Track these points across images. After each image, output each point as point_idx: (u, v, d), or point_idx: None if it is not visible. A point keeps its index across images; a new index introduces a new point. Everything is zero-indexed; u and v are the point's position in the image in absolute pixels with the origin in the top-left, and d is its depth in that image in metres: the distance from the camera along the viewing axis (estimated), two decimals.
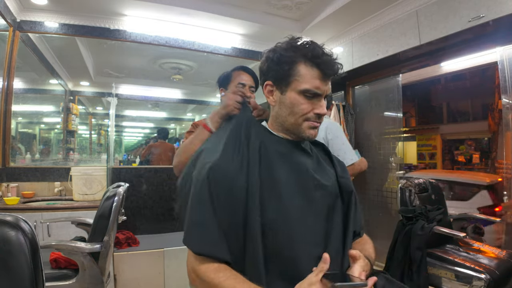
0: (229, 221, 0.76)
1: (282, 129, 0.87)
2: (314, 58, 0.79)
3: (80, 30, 2.80)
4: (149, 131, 5.80)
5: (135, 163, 3.95)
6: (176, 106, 5.37)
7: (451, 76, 4.65)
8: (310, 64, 0.80)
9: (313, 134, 0.84)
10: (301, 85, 0.80)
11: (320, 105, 0.82)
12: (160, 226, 3.02)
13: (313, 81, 0.79)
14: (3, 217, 0.73)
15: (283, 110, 0.84)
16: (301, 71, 0.80)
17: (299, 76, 0.80)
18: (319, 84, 0.80)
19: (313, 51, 0.80)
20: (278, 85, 0.84)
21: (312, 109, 0.81)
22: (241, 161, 0.81)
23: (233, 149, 0.83)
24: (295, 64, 0.81)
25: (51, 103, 3.81)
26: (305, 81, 0.80)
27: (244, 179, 0.78)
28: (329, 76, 0.81)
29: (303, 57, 0.80)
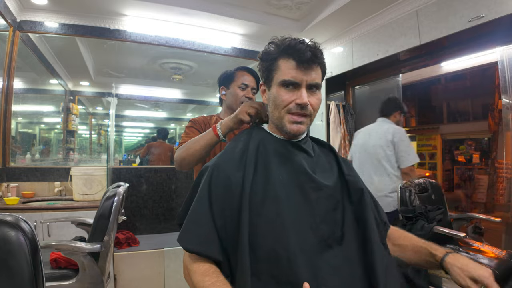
0: (225, 221, 0.76)
1: (275, 127, 0.89)
2: (288, 49, 0.81)
3: (80, 30, 2.80)
4: (149, 131, 5.80)
5: (135, 163, 3.95)
6: (176, 106, 5.37)
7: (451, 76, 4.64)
8: (287, 56, 0.82)
9: (295, 129, 0.82)
10: (280, 77, 0.82)
11: (300, 95, 0.81)
12: (160, 226, 3.02)
13: (289, 71, 0.81)
14: (3, 217, 0.73)
15: (270, 106, 0.87)
16: (280, 65, 0.83)
17: (278, 69, 0.83)
18: (296, 74, 0.81)
19: (289, 43, 0.82)
20: (266, 83, 0.88)
21: (293, 100, 0.81)
22: (239, 161, 0.82)
23: (232, 150, 0.87)
24: (275, 59, 0.84)
25: (51, 103, 3.81)
26: (283, 73, 0.82)
27: (240, 179, 0.79)
28: (305, 64, 0.80)
29: (281, 51, 0.83)
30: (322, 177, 0.84)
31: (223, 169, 0.81)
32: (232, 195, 0.77)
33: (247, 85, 1.42)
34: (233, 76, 1.45)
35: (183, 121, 5.93)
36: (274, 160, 0.83)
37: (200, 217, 0.78)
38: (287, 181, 0.80)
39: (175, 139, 5.58)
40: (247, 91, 1.41)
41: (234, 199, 0.77)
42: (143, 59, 3.77)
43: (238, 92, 1.42)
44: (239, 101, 1.41)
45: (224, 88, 1.48)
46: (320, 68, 0.84)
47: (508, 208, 2.44)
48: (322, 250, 0.76)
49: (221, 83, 1.50)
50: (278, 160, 0.83)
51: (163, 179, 3.09)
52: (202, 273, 0.75)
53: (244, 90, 1.42)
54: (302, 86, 0.81)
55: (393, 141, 2.24)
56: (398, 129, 2.31)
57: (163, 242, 2.64)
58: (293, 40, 0.82)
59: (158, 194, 3.06)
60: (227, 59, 3.49)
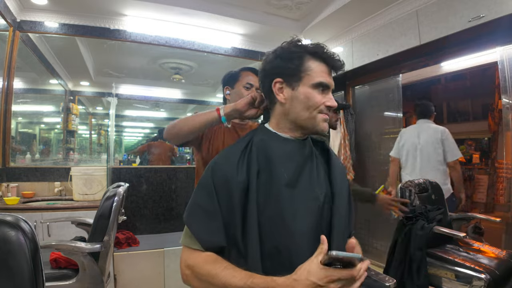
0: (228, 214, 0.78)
1: (291, 126, 0.88)
2: (321, 53, 0.84)
3: (80, 30, 2.80)
4: (149, 131, 5.80)
5: (135, 163, 3.95)
6: (176, 106, 5.36)
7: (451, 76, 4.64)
8: (319, 60, 0.84)
9: (326, 127, 0.87)
10: (314, 79, 0.83)
11: (330, 98, 0.86)
12: (160, 226, 3.02)
13: (324, 74, 0.84)
14: (3, 217, 0.73)
15: (296, 106, 0.85)
16: (312, 66, 0.84)
17: (310, 70, 0.83)
18: (328, 78, 0.85)
19: (319, 48, 0.85)
20: (288, 81, 0.85)
21: (323, 102, 0.84)
22: (243, 158, 0.83)
23: (237, 147, 0.87)
24: (304, 59, 0.84)
25: (51, 103, 3.81)
26: (317, 75, 0.83)
27: (244, 176, 0.80)
28: (335, 70, 0.87)
29: (311, 53, 0.84)
30: (320, 177, 0.87)
31: (226, 165, 0.82)
32: (233, 191, 0.79)
33: (252, 85, 1.42)
34: (238, 76, 1.46)
35: None
36: (278, 158, 0.84)
37: (207, 204, 0.80)
38: (293, 180, 0.82)
39: None
40: (252, 90, 1.41)
41: (235, 194, 0.78)
42: (143, 59, 3.77)
43: (243, 91, 1.42)
44: None
45: (228, 87, 1.48)
46: None
47: (508, 208, 2.44)
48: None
49: (225, 83, 1.50)
50: (284, 159, 0.84)
51: (163, 179, 3.09)
52: (211, 261, 0.76)
53: (249, 89, 1.42)
54: (330, 89, 0.87)
55: (442, 139, 2.58)
56: (444, 129, 2.65)
57: (163, 242, 2.64)
58: (321, 45, 0.86)
59: (158, 194, 3.06)
60: (227, 59, 3.50)
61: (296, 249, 0.77)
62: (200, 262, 0.78)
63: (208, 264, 0.76)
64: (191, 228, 0.81)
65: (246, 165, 0.82)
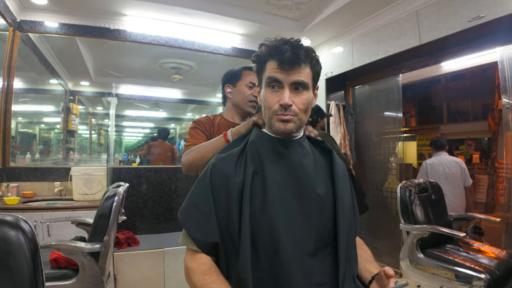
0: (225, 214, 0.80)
1: (268, 127, 0.90)
2: (272, 50, 0.83)
3: (80, 30, 2.80)
4: (149, 131, 5.80)
5: (135, 163, 3.95)
6: (176, 106, 5.36)
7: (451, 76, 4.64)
8: (271, 58, 0.84)
9: (282, 128, 0.82)
10: (265, 77, 0.85)
11: (282, 95, 0.81)
12: (160, 226, 3.02)
13: (273, 70, 0.82)
14: (3, 217, 0.73)
15: (263, 107, 0.89)
16: (266, 66, 0.85)
17: (265, 70, 0.85)
18: (278, 73, 0.81)
19: (273, 45, 0.84)
20: (259, 84, 0.91)
21: (278, 101, 0.82)
22: (237, 159, 0.86)
23: (235, 148, 0.90)
24: (264, 61, 0.85)
25: (51, 103, 3.81)
26: (267, 73, 0.84)
27: (241, 177, 0.82)
28: (287, 64, 0.80)
29: (267, 53, 0.85)
30: (315, 177, 0.86)
31: (222, 166, 0.84)
32: (231, 191, 0.80)
33: (254, 84, 1.42)
34: (240, 75, 1.46)
35: (183, 121, 5.93)
36: (269, 158, 0.85)
37: (202, 201, 0.82)
38: (283, 180, 0.82)
39: (176, 139, 5.58)
40: (254, 89, 1.42)
41: (233, 194, 0.80)
42: (143, 59, 3.77)
43: (245, 90, 1.43)
44: (247, 100, 1.43)
45: (229, 86, 1.48)
46: (309, 67, 0.83)
47: (508, 208, 2.44)
48: (315, 252, 0.80)
49: (226, 81, 1.50)
50: (274, 158, 0.85)
51: (163, 179, 3.09)
52: (202, 271, 0.78)
53: (252, 89, 1.43)
54: (285, 86, 0.81)
55: (463, 168, 3.13)
56: (461, 160, 3.23)
57: (163, 242, 2.64)
58: (280, 41, 0.83)
59: (158, 194, 3.06)
60: (227, 59, 3.50)
61: (289, 250, 0.76)
62: (194, 267, 0.81)
63: (199, 274, 0.78)
64: (185, 227, 0.83)
65: (244, 165, 0.84)
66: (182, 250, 0.85)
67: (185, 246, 0.86)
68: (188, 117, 5.81)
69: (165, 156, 4.15)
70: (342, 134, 3.27)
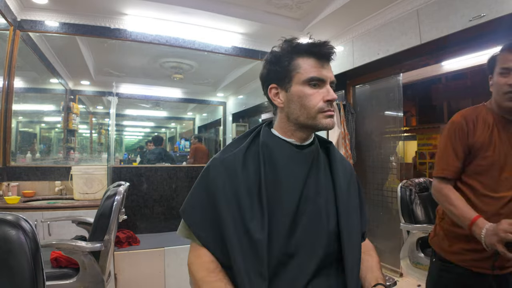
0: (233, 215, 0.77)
1: (295, 128, 0.86)
2: (308, 47, 0.82)
3: (81, 29, 2.80)
4: (150, 130, 5.81)
5: (136, 162, 3.96)
6: (176, 105, 5.37)
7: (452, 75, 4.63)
8: (306, 55, 0.82)
9: (330, 123, 0.83)
10: (303, 76, 0.81)
11: (327, 91, 0.82)
12: (160, 225, 3.03)
13: (313, 69, 0.81)
14: (3, 216, 0.73)
15: (293, 107, 0.84)
16: (300, 63, 0.82)
17: (299, 68, 0.82)
18: (320, 71, 0.81)
19: (303, 43, 0.83)
20: (281, 84, 0.85)
21: (322, 98, 0.81)
22: (248, 158, 0.83)
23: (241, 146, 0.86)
24: (292, 59, 0.82)
25: (52, 102, 3.82)
26: (306, 71, 0.81)
27: (252, 176, 0.80)
28: (325, 61, 0.83)
29: (298, 50, 0.82)
30: (320, 183, 0.85)
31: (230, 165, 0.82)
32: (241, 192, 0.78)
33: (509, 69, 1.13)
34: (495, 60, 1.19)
35: (183, 120, 5.94)
36: (283, 166, 0.82)
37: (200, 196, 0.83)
38: (293, 184, 0.81)
39: (176, 138, 5.59)
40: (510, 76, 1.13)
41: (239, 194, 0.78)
42: (144, 58, 3.77)
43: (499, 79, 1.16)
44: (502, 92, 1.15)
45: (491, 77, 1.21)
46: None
47: None
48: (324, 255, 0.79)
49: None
50: (288, 166, 0.82)
51: (163, 178, 3.09)
52: (207, 269, 0.77)
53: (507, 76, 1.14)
54: (327, 82, 0.82)
55: None
56: None
57: (164, 241, 2.64)
58: (307, 40, 0.84)
59: (159, 193, 3.06)
60: (228, 58, 3.49)
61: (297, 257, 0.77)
62: (197, 264, 0.79)
63: (204, 271, 0.77)
64: (187, 222, 0.83)
65: (254, 165, 0.82)
66: (183, 249, 0.86)
67: (184, 237, 0.85)
68: (188, 116, 5.82)
69: (206, 157, 4.56)
70: (342, 133, 3.27)
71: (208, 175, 0.82)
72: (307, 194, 0.81)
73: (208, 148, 5.32)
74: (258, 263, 0.72)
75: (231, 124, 4.91)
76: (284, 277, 0.75)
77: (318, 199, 0.82)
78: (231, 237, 0.74)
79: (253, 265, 0.72)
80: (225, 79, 4.56)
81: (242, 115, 5.02)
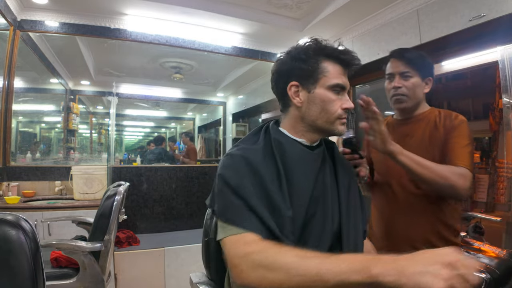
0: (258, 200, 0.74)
1: (308, 129, 0.85)
2: (338, 54, 0.83)
3: (81, 29, 2.80)
4: (150, 130, 5.81)
5: (136, 162, 3.96)
6: (176, 105, 5.37)
7: (452, 75, 4.63)
8: (334, 60, 0.83)
9: (343, 130, 0.86)
10: (331, 81, 0.82)
11: (347, 99, 0.85)
12: (160, 225, 3.03)
13: (340, 76, 0.83)
14: (3, 216, 0.73)
15: (313, 109, 0.83)
16: (328, 67, 0.82)
17: (327, 72, 0.82)
18: (344, 78, 0.84)
19: (335, 48, 0.84)
20: (304, 84, 0.83)
21: (340, 105, 0.83)
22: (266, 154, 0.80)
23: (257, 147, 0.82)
24: (321, 61, 0.82)
25: (52, 102, 3.81)
26: (333, 76, 0.82)
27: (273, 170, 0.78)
28: (348, 70, 0.85)
29: (327, 54, 0.83)
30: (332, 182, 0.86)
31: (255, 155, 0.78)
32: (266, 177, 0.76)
33: None
34: None
35: (183, 120, 5.94)
36: (296, 165, 0.81)
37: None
38: (306, 184, 0.81)
39: (176, 138, 5.58)
40: None
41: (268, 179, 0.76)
42: (144, 58, 3.77)
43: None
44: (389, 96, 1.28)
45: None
46: None
47: (508, 208, 2.44)
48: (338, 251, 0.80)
49: None
50: (300, 166, 0.82)
51: (163, 178, 3.09)
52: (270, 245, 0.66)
53: None
54: (346, 90, 0.85)
55: None
56: None
57: (164, 241, 2.64)
58: (336, 46, 0.85)
59: (159, 193, 3.06)
60: (228, 58, 3.49)
61: None
62: (259, 248, 0.65)
63: (271, 248, 0.64)
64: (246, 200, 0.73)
65: (271, 160, 0.80)
66: (183, 249, 0.85)
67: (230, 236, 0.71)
68: (188, 116, 5.81)
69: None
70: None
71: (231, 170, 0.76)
72: (316, 195, 0.81)
73: (208, 148, 5.32)
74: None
75: (231, 124, 4.91)
76: None
77: (326, 200, 0.82)
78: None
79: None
80: (225, 79, 4.56)
81: (242, 115, 5.02)
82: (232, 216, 0.71)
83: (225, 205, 0.74)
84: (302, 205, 0.78)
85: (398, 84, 1.19)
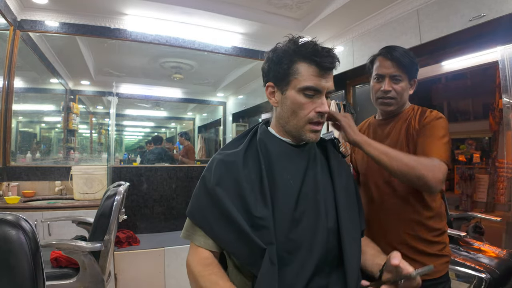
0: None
1: (285, 131, 0.86)
2: (311, 55, 0.78)
3: (81, 29, 2.80)
4: (150, 130, 5.81)
5: (136, 162, 3.96)
6: (176, 105, 5.37)
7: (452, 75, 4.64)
8: (308, 62, 0.79)
9: (314, 138, 0.83)
10: (301, 83, 0.79)
11: (321, 103, 0.80)
12: (160, 225, 3.03)
13: (312, 77, 0.79)
14: (3, 216, 0.73)
15: (285, 111, 0.83)
16: (300, 69, 0.79)
17: (298, 74, 0.79)
18: (318, 81, 0.79)
19: (311, 49, 0.79)
20: (278, 85, 0.84)
21: (314, 108, 0.80)
22: (244, 155, 0.82)
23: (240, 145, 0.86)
24: (294, 62, 0.80)
25: (52, 102, 3.81)
26: (304, 78, 0.79)
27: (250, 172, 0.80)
28: (327, 71, 0.80)
29: (301, 55, 0.79)
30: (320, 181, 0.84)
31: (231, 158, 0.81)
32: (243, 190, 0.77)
33: None
34: None
35: (183, 120, 5.94)
36: (276, 161, 0.81)
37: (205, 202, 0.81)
38: (288, 183, 0.80)
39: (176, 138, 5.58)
40: None
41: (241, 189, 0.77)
42: (144, 58, 3.77)
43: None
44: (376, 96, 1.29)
45: None
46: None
47: (508, 208, 2.44)
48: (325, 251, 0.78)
49: None
50: (280, 162, 0.82)
51: (163, 178, 3.09)
52: (203, 264, 0.79)
53: None
54: (323, 93, 0.81)
55: None
56: None
57: (164, 241, 2.64)
58: (314, 45, 0.80)
59: (159, 193, 3.06)
60: (228, 58, 3.49)
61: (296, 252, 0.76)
62: (195, 260, 0.80)
63: (200, 266, 0.78)
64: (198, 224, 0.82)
65: (254, 161, 0.82)
66: (183, 249, 0.86)
67: (186, 239, 0.85)
68: (188, 116, 5.81)
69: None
70: (342, 133, 3.27)
71: (210, 173, 0.81)
72: (305, 191, 0.81)
73: (208, 148, 5.32)
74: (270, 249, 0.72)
75: (231, 124, 4.91)
76: (285, 274, 0.74)
77: (317, 196, 0.81)
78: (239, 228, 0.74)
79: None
80: (225, 79, 4.56)
81: (242, 115, 5.02)
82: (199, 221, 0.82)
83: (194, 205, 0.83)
84: (289, 200, 0.78)
85: (388, 88, 1.16)
